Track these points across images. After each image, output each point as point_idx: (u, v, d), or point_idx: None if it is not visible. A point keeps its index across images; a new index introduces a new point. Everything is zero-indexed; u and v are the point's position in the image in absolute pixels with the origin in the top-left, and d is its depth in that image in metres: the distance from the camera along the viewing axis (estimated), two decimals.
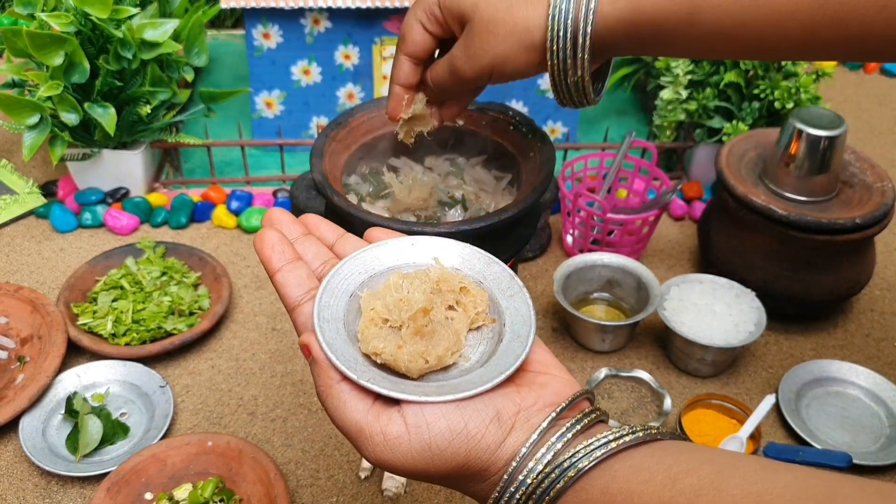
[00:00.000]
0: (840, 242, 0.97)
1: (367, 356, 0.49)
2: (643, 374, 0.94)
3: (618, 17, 0.61)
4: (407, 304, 0.50)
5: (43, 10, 1.08)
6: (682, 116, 1.25)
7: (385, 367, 0.48)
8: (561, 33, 0.62)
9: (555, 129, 1.37)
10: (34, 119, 1.08)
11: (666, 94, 1.25)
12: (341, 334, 0.49)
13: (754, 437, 0.90)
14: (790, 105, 1.18)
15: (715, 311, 0.99)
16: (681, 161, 1.32)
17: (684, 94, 1.24)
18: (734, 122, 1.21)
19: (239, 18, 1.70)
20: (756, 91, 1.21)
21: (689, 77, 1.23)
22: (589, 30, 0.61)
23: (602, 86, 0.70)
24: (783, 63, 1.18)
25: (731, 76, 1.19)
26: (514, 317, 0.52)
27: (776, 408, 0.95)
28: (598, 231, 1.11)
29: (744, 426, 0.89)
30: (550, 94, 1.32)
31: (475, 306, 0.52)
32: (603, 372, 0.94)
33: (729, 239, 1.05)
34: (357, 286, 0.52)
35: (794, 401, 0.96)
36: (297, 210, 1.10)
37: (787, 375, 0.98)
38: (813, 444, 0.90)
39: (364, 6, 1.19)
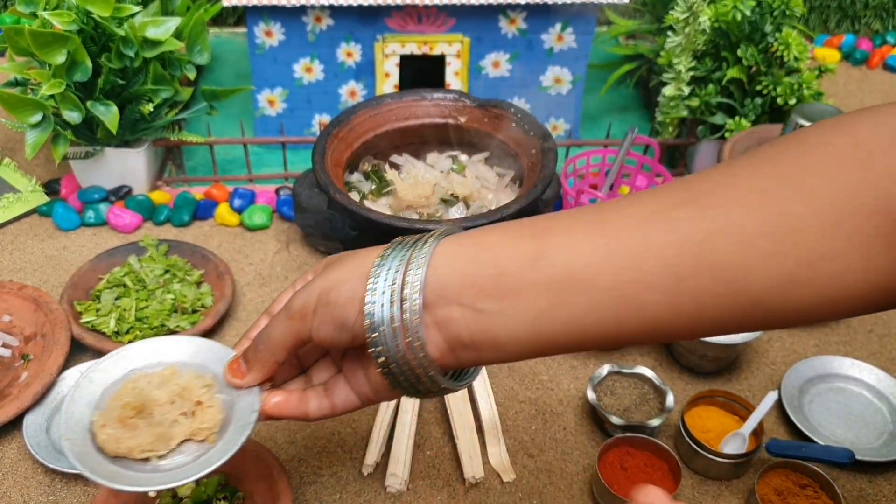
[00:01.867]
0: None
1: (102, 450, 0.56)
2: (646, 371, 0.94)
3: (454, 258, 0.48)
4: (140, 400, 0.58)
5: (45, 9, 1.08)
6: (685, 113, 1.25)
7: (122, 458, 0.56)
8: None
9: (557, 126, 1.36)
10: (37, 117, 1.08)
11: (668, 90, 1.25)
12: (85, 435, 0.56)
13: (757, 433, 0.89)
14: (793, 101, 1.18)
15: None
16: (683, 157, 1.32)
17: (687, 90, 1.24)
18: (737, 118, 1.21)
19: (241, 16, 1.70)
20: (758, 87, 1.20)
21: (691, 73, 1.23)
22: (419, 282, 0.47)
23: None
24: (785, 59, 1.18)
25: (733, 72, 1.19)
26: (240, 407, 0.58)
27: (779, 404, 0.95)
28: None
29: (746, 422, 0.89)
30: (552, 92, 1.32)
31: (203, 422, 0.57)
32: (605, 369, 0.94)
33: None
34: (102, 390, 0.59)
35: (796, 397, 0.96)
36: (299, 207, 1.11)
37: (789, 372, 0.97)
38: (816, 440, 0.90)
39: (366, 3, 1.19)
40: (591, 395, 0.91)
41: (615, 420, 0.89)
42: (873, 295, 0.43)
